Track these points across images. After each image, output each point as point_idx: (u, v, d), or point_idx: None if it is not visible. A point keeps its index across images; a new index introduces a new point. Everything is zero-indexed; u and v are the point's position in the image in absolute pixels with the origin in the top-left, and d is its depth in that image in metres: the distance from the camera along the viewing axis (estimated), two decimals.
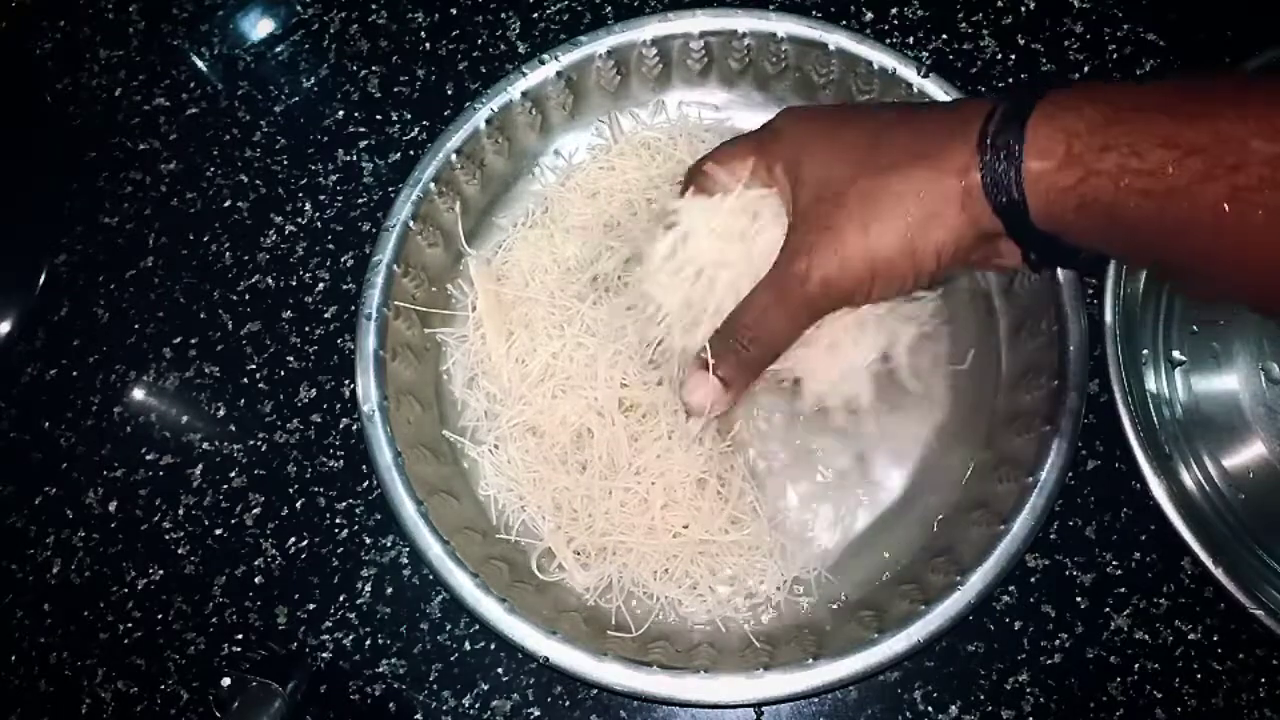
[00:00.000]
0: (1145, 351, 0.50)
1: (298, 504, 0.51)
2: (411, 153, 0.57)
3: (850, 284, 0.34)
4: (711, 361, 0.38)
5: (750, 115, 0.54)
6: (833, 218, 0.34)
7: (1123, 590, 0.47)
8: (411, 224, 0.49)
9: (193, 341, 0.55)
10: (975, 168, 0.31)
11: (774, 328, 0.37)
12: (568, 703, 0.47)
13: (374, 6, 0.61)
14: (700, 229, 0.39)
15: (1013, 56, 0.57)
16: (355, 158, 0.57)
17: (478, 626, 0.48)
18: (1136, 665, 0.46)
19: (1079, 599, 0.47)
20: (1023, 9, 0.58)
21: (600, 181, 0.53)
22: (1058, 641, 0.47)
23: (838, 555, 0.48)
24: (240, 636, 0.49)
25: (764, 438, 0.49)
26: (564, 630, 0.42)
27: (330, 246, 0.56)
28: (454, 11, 0.60)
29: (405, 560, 0.50)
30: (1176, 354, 0.51)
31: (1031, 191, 0.30)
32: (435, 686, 0.48)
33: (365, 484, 0.51)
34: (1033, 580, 0.48)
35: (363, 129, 0.58)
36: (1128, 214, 0.28)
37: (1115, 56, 0.56)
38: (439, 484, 0.47)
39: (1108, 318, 0.47)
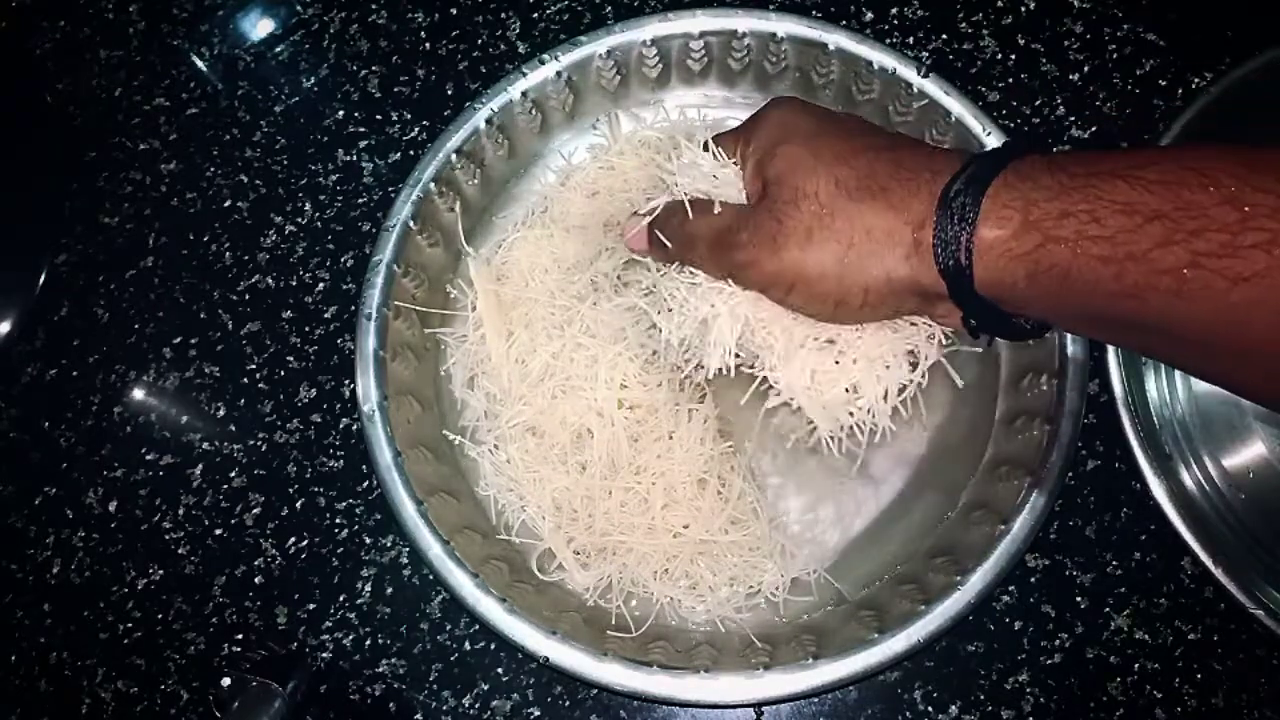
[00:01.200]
0: None
1: (298, 504, 0.51)
2: (411, 153, 0.57)
3: (768, 279, 0.35)
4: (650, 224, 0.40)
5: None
6: (786, 214, 0.34)
7: (1123, 590, 0.47)
8: (411, 224, 0.49)
9: (193, 341, 0.55)
10: (930, 224, 0.31)
11: (697, 256, 0.38)
12: (568, 703, 0.47)
13: (374, 6, 0.61)
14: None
15: (1013, 56, 0.57)
16: (355, 158, 0.57)
17: (478, 626, 0.48)
18: (1136, 665, 0.46)
19: (1079, 599, 0.47)
20: (1023, 9, 0.58)
21: (600, 181, 0.53)
22: (1058, 641, 0.47)
23: (838, 555, 0.48)
24: (240, 636, 0.49)
25: (765, 438, 0.49)
26: (564, 630, 0.42)
27: (330, 246, 0.56)
28: (454, 11, 0.60)
29: (405, 560, 0.50)
30: None
31: (981, 258, 0.30)
32: (435, 686, 0.48)
33: (365, 484, 0.51)
34: (1033, 580, 0.48)
35: (363, 129, 0.58)
36: (1084, 280, 0.28)
37: (1115, 56, 0.56)
38: (439, 484, 0.47)
39: None
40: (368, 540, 0.50)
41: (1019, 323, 0.33)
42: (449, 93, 0.58)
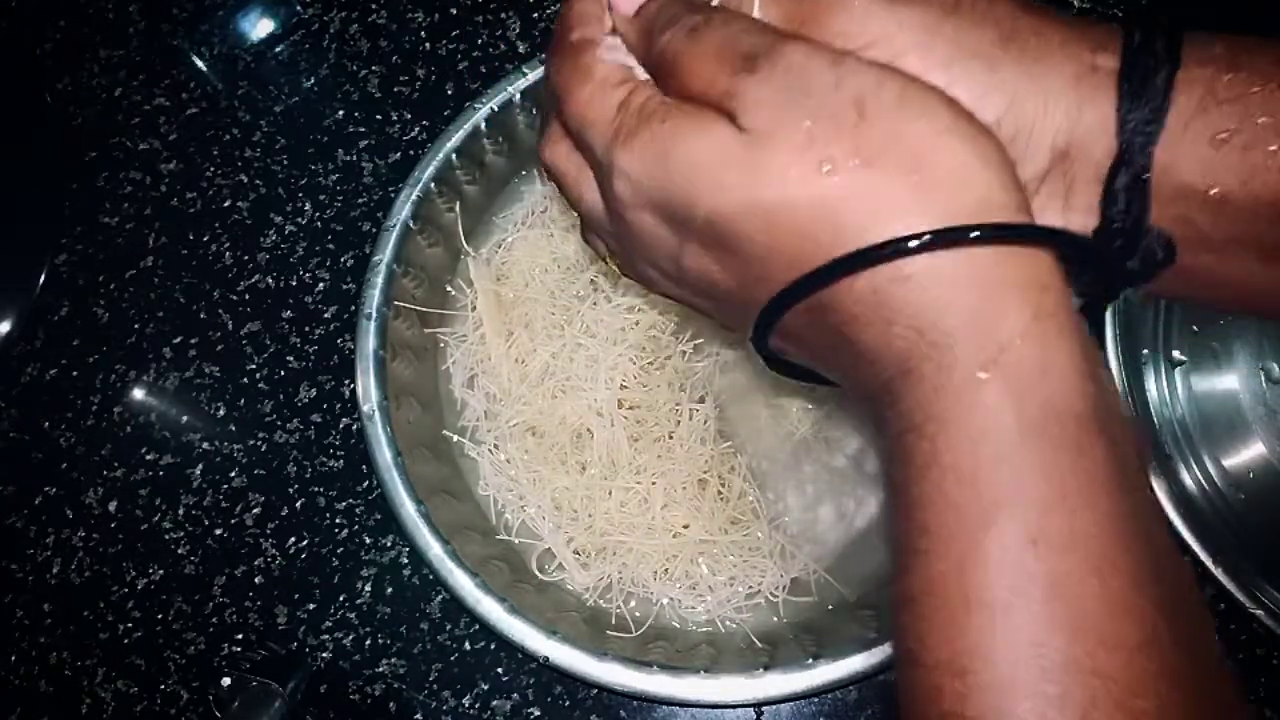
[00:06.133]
0: (1145, 351, 0.50)
1: (298, 504, 0.51)
2: (411, 153, 0.57)
3: (877, 17, 0.24)
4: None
5: None
6: None
7: None
8: (411, 224, 0.49)
9: (193, 341, 0.55)
10: (1114, 46, 0.25)
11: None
12: (568, 703, 0.47)
13: (374, 6, 0.61)
14: None
15: None
16: (355, 158, 0.57)
17: (478, 626, 0.48)
18: None
19: None
20: None
21: None
22: None
23: (838, 555, 0.48)
24: (240, 636, 0.49)
25: (765, 437, 0.49)
26: (564, 630, 0.42)
27: (330, 246, 0.56)
28: (454, 11, 0.60)
29: (405, 560, 0.50)
30: (1176, 354, 0.51)
31: (1182, 91, 0.24)
32: (435, 686, 0.48)
33: (365, 484, 0.51)
34: None
35: (363, 129, 0.58)
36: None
37: None
38: (439, 484, 0.47)
39: (1108, 318, 0.47)
40: (368, 540, 0.50)
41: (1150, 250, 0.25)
42: (449, 93, 0.58)
